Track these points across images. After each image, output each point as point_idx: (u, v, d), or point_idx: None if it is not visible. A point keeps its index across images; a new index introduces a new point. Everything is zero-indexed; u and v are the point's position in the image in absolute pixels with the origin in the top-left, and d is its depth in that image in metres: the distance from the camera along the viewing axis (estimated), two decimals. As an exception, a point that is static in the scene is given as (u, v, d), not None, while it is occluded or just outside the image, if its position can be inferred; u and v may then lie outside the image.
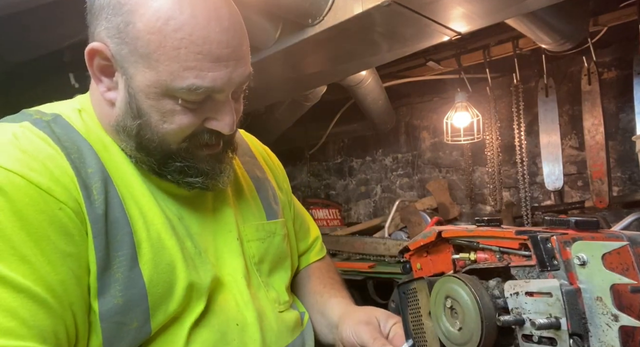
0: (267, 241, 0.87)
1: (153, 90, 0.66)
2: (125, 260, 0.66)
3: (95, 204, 0.65)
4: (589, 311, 0.50)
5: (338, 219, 3.61)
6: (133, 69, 0.66)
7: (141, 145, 0.70)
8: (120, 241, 0.66)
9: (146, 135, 0.69)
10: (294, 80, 2.38)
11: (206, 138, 0.71)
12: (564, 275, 0.51)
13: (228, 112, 0.70)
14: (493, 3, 1.65)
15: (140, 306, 0.66)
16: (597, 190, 2.44)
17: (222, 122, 0.70)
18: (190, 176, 0.73)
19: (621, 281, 0.47)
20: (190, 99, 0.66)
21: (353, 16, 1.64)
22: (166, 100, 0.67)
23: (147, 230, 0.69)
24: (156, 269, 0.68)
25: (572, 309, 0.50)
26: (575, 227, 0.56)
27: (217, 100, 0.69)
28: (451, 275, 0.65)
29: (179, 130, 0.69)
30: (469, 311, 0.59)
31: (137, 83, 0.66)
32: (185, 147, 0.71)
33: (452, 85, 3.07)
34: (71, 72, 1.95)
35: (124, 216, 0.67)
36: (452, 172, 3.34)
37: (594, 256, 0.48)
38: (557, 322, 0.50)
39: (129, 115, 0.69)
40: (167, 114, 0.67)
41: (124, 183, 0.71)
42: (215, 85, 0.66)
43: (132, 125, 0.69)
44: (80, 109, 0.74)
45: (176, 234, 0.73)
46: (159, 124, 0.68)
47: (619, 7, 2.33)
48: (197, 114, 0.69)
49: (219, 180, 0.75)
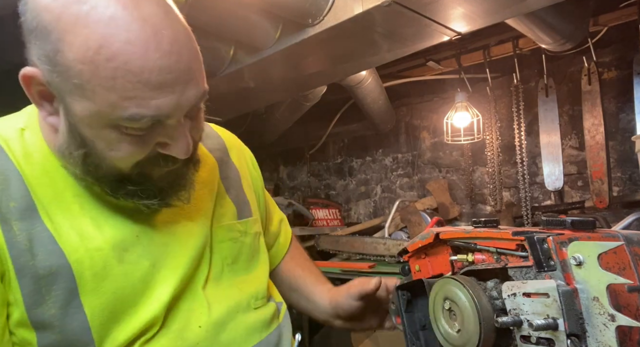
0: (240, 241, 0.85)
1: (95, 120, 0.60)
2: (63, 293, 0.62)
3: (17, 239, 0.62)
4: (586, 311, 0.50)
5: (338, 219, 3.61)
6: (69, 98, 0.60)
7: (89, 172, 0.65)
8: (55, 274, 0.62)
9: (94, 162, 0.64)
10: (294, 80, 2.38)
11: (161, 163, 0.66)
12: (560, 275, 0.52)
13: (181, 136, 0.64)
14: (493, 3, 1.65)
15: (83, 339, 0.64)
16: (597, 190, 2.44)
17: (175, 148, 0.64)
18: (145, 198, 0.68)
19: (617, 280, 0.47)
20: (136, 127, 0.60)
21: (353, 16, 1.64)
22: (109, 129, 0.61)
23: (90, 258, 0.65)
24: (100, 299, 0.65)
25: (569, 309, 0.50)
26: (571, 227, 0.56)
27: (168, 125, 0.63)
28: (449, 277, 0.65)
29: (128, 157, 0.63)
30: (467, 312, 0.59)
31: (75, 112, 0.60)
32: (138, 171, 0.66)
33: (452, 85, 3.07)
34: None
35: (56, 248, 0.63)
36: (452, 172, 3.34)
37: (590, 256, 0.48)
38: (555, 323, 0.51)
39: (72, 143, 0.64)
40: (112, 142, 0.62)
41: (62, 211, 0.66)
42: (161, 113, 0.60)
43: (77, 154, 0.64)
44: (24, 128, 0.70)
45: (127, 258, 0.69)
46: (105, 151, 0.63)
47: (619, 7, 2.33)
48: (146, 141, 0.63)
49: (178, 196, 0.71)
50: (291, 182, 4.34)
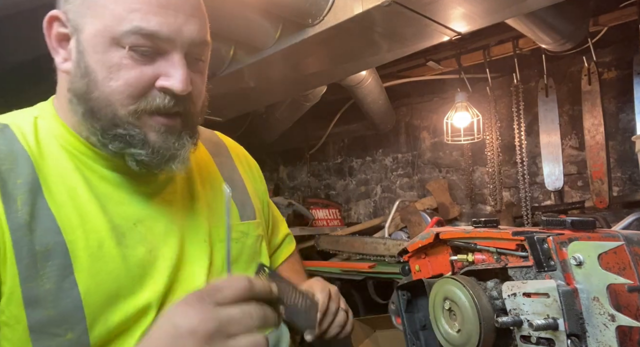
0: (241, 242, 0.85)
1: (100, 41, 0.64)
2: (57, 269, 0.63)
3: (18, 214, 0.63)
4: (586, 311, 0.50)
5: (338, 219, 3.61)
6: (83, 22, 0.65)
7: (89, 107, 0.67)
8: (51, 251, 0.64)
9: (93, 94, 0.66)
10: (294, 80, 2.38)
11: (158, 101, 0.66)
12: (560, 275, 0.52)
13: (180, 68, 0.66)
14: (493, 3, 1.65)
15: (75, 317, 0.64)
16: (597, 190, 2.44)
17: (172, 78, 0.65)
18: (134, 146, 0.67)
19: (617, 280, 0.47)
20: (137, 44, 0.63)
21: (353, 16, 1.64)
22: (113, 51, 0.64)
23: (87, 238, 0.67)
24: (94, 278, 0.65)
25: (569, 309, 0.50)
26: (571, 227, 0.56)
27: (169, 57, 0.66)
28: (449, 277, 0.65)
29: (125, 86, 0.65)
30: (467, 312, 0.59)
31: (85, 36, 0.65)
32: (133, 110, 0.66)
33: (452, 85, 3.07)
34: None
35: (54, 226, 0.65)
36: (452, 172, 3.34)
37: (590, 256, 0.48)
38: (555, 323, 0.50)
39: (78, 75, 0.67)
40: (113, 69, 0.64)
41: (67, 192, 0.68)
42: (162, 31, 0.63)
43: (81, 86, 0.66)
44: (37, 116, 0.73)
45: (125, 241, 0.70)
46: (105, 81, 0.65)
47: (619, 7, 2.33)
48: (145, 70, 0.65)
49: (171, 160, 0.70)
50: (291, 182, 4.34)
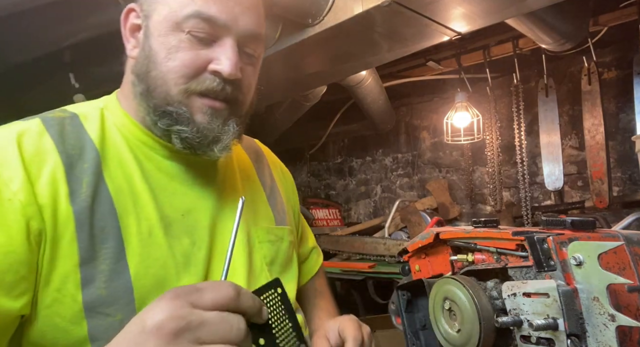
0: (277, 245, 0.87)
1: (165, 25, 0.71)
2: (112, 252, 0.67)
3: (82, 197, 0.67)
4: (586, 311, 0.50)
5: (338, 219, 3.61)
6: (152, 9, 0.72)
7: (147, 85, 0.73)
8: (107, 234, 0.67)
9: (152, 73, 0.72)
10: (294, 80, 2.38)
11: (207, 83, 0.71)
12: (560, 275, 0.51)
13: (231, 53, 0.71)
14: (493, 3, 1.65)
15: (125, 299, 0.67)
16: (597, 190, 2.44)
17: (223, 62, 0.71)
18: (180, 123, 0.72)
19: (617, 280, 0.47)
20: (196, 28, 0.69)
21: (353, 16, 1.64)
22: (174, 34, 0.70)
23: (139, 225, 0.70)
24: (143, 263, 0.69)
25: (569, 309, 0.50)
26: (571, 227, 0.56)
27: (223, 43, 0.71)
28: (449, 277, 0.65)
29: (180, 66, 0.70)
30: (467, 312, 0.59)
31: (153, 22, 0.72)
32: (184, 89, 0.71)
33: (452, 85, 3.07)
34: (71, 72, 1.95)
35: (112, 210, 0.69)
36: (452, 172, 3.34)
37: (590, 256, 0.48)
38: (555, 323, 0.50)
39: (142, 57, 0.73)
40: (172, 50, 0.71)
41: (125, 178, 0.72)
42: (219, 17, 0.70)
43: (142, 66, 0.73)
44: (103, 107, 0.78)
45: (171, 231, 0.73)
46: (163, 61, 0.71)
47: (619, 7, 2.33)
48: (200, 53, 0.71)
49: (214, 143, 0.73)
50: (291, 182, 4.34)
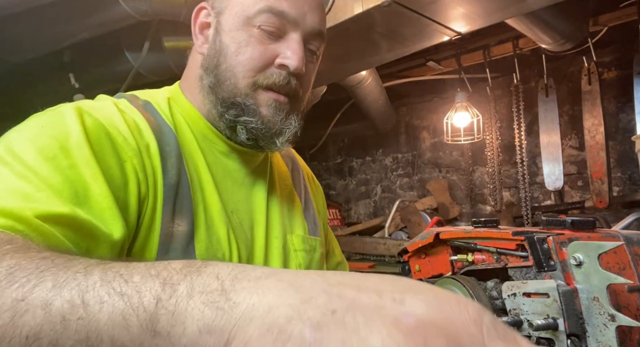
0: (311, 254, 0.88)
1: (236, 21, 0.73)
2: (184, 233, 0.69)
3: (169, 175, 0.69)
4: (586, 311, 0.50)
5: (338, 219, 3.61)
6: (224, 6, 0.75)
7: (216, 78, 0.75)
8: (184, 215, 0.69)
9: (221, 67, 0.74)
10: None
11: (274, 77, 0.73)
12: (560, 275, 0.51)
13: (298, 48, 0.73)
14: (493, 3, 1.65)
15: None
16: (597, 190, 2.44)
17: (290, 57, 0.73)
18: (247, 114, 0.74)
19: (617, 280, 0.47)
20: (266, 23, 0.72)
21: (353, 16, 1.64)
22: (244, 30, 0.73)
23: (205, 213, 0.72)
24: (207, 251, 0.70)
25: (569, 309, 0.50)
26: (571, 227, 0.56)
27: (290, 38, 0.74)
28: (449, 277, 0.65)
29: (249, 60, 0.73)
30: None
31: (224, 18, 0.75)
32: (252, 83, 0.73)
33: (452, 85, 3.07)
34: (71, 72, 1.95)
35: (189, 193, 0.71)
36: (452, 172, 3.34)
37: (590, 256, 0.48)
38: (555, 323, 0.50)
39: (212, 51, 0.76)
40: (242, 44, 0.73)
41: (194, 167, 0.74)
42: (289, 12, 0.72)
43: (213, 60, 0.75)
44: (170, 98, 0.80)
45: (228, 223, 0.75)
46: (233, 55, 0.73)
47: (619, 7, 2.33)
48: (269, 48, 0.73)
49: (277, 136, 0.76)
50: (291, 182, 4.34)
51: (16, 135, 0.61)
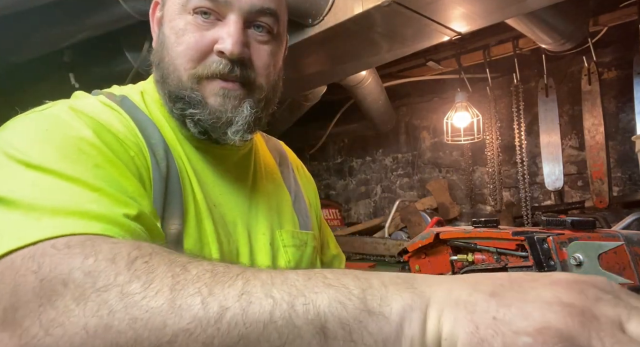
0: (301, 249, 0.86)
1: (173, 9, 0.71)
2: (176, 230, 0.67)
3: (160, 168, 0.68)
4: None
5: (338, 219, 3.61)
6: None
7: (162, 73, 0.73)
8: (173, 211, 0.68)
9: (165, 60, 0.72)
10: (294, 81, 2.38)
11: (215, 66, 0.69)
12: None
13: (234, 31, 0.69)
14: (493, 3, 1.65)
15: None
16: (597, 190, 2.44)
17: (226, 40, 0.68)
18: (192, 107, 0.70)
19: (617, 280, 0.47)
20: (199, 6, 0.69)
21: (353, 16, 1.64)
22: (181, 17, 0.71)
23: (195, 207, 0.71)
24: (195, 246, 0.69)
25: None
26: (571, 227, 0.56)
27: (226, 21, 0.70)
28: (449, 276, 0.65)
29: (187, 50, 0.70)
30: None
31: (166, 9, 0.73)
32: (194, 74, 0.70)
33: (452, 85, 3.07)
34: (71, 72, 1.95)
35: (178, 188, 0.69)
36: (452, 172, 3.34)
37: (590, 256, 0.48)
38: None
39: (158, 45, 0.74)
40: (179, 34, 0.70)
41: (179, 160, 0.73)
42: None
43: (158, 55, 0.74)
44: (143, 91, 0.78)
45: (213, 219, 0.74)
46: (173, 46, 0.71)
47: (619, 7, 2.33)
48: (205, 35, 0.70)
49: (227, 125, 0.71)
50: (291, 182, 4.34)
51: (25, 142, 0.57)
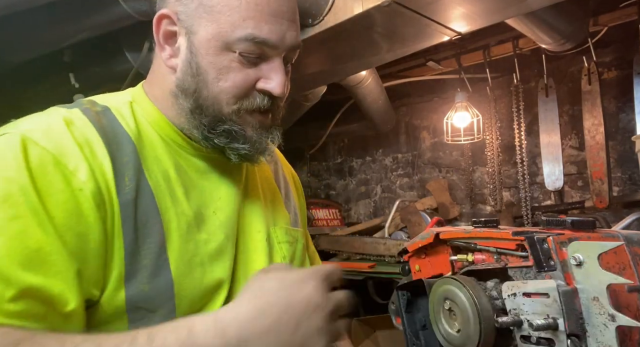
0: (294, 245, 0.89)
1: (213, 44, 0.70)
2: (155, 247, 0.67)
3: (126, 190, 0.67)
4: (586, 311, 0.50)
5: (338, 219, 3.60)
6: (197, 25, 0.71)
7: (197, 104, 0.73)
8: (150, 228, 0.68)
9: (202, 93, 0.72)
10: (294, 81, 2.36)
11: (258, 101, 0.74)
12: (560, 275, 0.52)
13: (280, 73, 0.73)
14: (493, 3, 1.65)
15: (166, 294, 0.67)
16: (597, 190, 2.44)
17: (273, 82, 0.72)
18: (237, 141, 0.74)
19: (617, 281, 0.47)
20: (247, 50, 0.70)
21: (353, 16, 1.64)
22: (224, 55, 0.70)
23: (178, 220, 0.71)
24: (182, 258, 0.70)
25: (569, 309, 0.50)
26: (571, 227, 0.56)
27: (270, 61, 0.73)
28: (449, 277, 0.65)
29: (232, 87, 0.72)
30: (467, 312, 0.59)
31: (199, 39, 0.71)
32: (237, 109, 0.73)
33: (452, 85, 3.07)
34: (71, 72, 1.95)
35: (154, 204, 0.69)
36: (452, 172, 3.34)
37: (590, 256, 0.48)
38: (555, 323, 0.51)
39: (188, 74, 0.73)
40: (222, 71, 0.71)
41: (161, 173, 0.73)
42: (271, 38, 0.70)
43: (191, 84, 0.73)
44: (132, 101, 0.78)
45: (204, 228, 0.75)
46: (214, 82, 0.71)
47: (619, 7, 2.33)
48: (250, 73, 0.72)
49: (262, 153, 0.78)
50: (291, 182, 4.33)
51: None
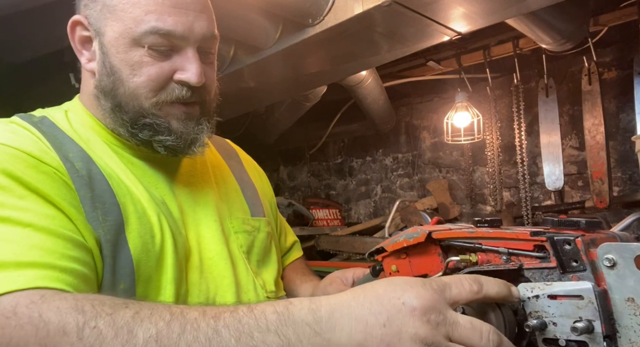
0: (253, 234, 0.91)
1: (122, 42, 0.71)
2: (115, 225, 0.69)
3: (80, 174, 0.69)
4: (617, 312, 0.50)
5: (338, 219, 3.60)
6: (104, 26, 0.72)
7: (116, 102, 0.74)
8: (109, 208, 0.70)
9: (119, 91, 0.73)
10: (294, 80, 2.37)
11: (177, 93, 0.74)
12: (591, 277, 0.51)
13: (194, 63, 0.73)
14: (493, 3, 1.64)
15: (127, 268, 0.69)
16: (597, 190, 2.44)
17: (188, 72, 0.73)
18: (161, 133, 0.75)
19: None
20: (156, 43, 0.71)
21: (353, 16, 1.63)
22: (134, 51, 0.71)
23: (134, 204, 0.73)
24: (141, 238, 0.71)
25: (604, 311, 0.49)
26: (585, 227, 0.55)
27: (183, 53, 0.73)
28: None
29: (148, 81, 0.72)
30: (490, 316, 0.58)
31: (108, 39, 0.72)
32: (155, 102, 0.74)
33: (452, 85, 3.06)
34: (71, 72, 1.94)
35: (109, 189, 0.71)
36: (452, 172, 3.33)
37: (625, 257, 0.48)
38: (591, 325, 0.50)
39: (104, 74, 0.74)
40: (135, 67, 0.72)
41: (111, 165, 0.74)
42: (176, 30, 0.71)
43: (107, 84, 0.74)
44: (67, 110, 0.80)
45: (160, 212, 0.76)
46: (129, 78, 0.72)
47: (619, 7, 2.33)
48: (163, 66, 0.73)
49: (193, 144, 0.77)
50: (291, 182, 4.32)
51: None
